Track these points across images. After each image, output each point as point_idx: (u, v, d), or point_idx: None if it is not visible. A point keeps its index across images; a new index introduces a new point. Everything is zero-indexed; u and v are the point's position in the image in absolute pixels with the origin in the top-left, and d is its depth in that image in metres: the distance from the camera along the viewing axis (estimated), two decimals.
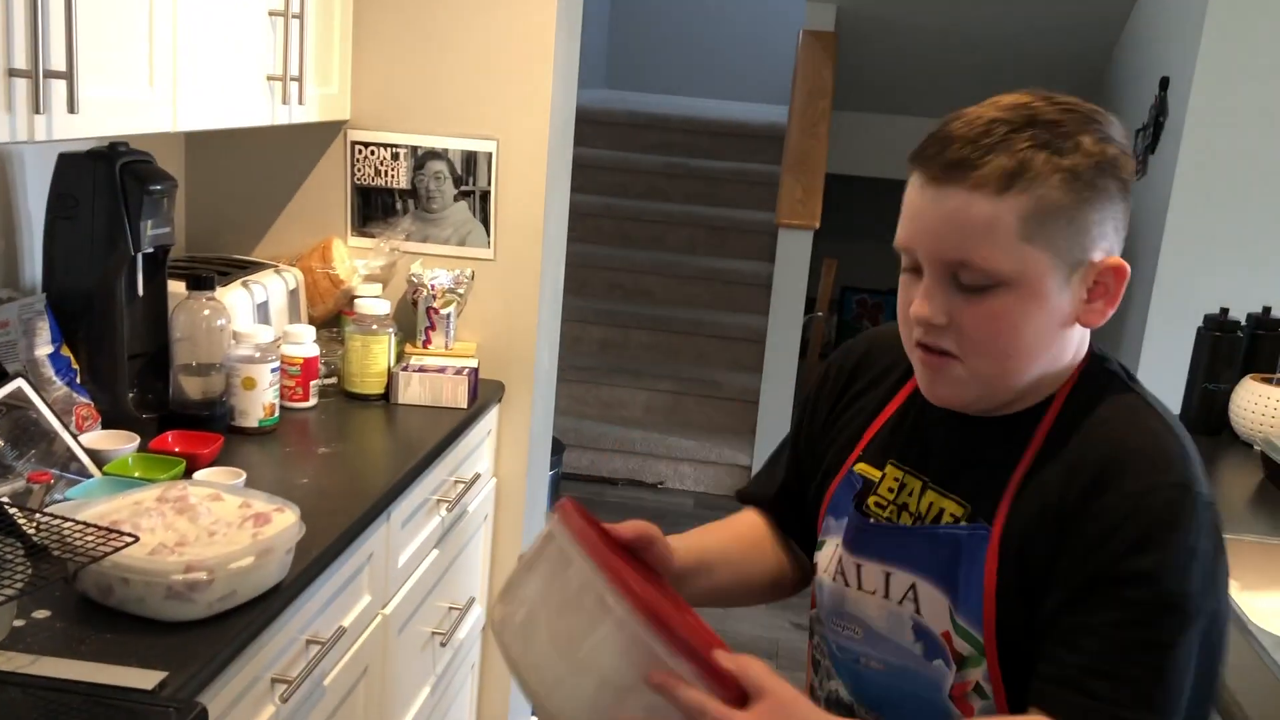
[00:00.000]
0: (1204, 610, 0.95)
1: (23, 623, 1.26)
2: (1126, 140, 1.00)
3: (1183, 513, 0.94)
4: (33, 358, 1.75)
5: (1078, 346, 1.04)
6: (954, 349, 1.00)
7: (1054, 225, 0.95)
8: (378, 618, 1.79)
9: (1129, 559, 0.93)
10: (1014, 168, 0.94)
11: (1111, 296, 1.00)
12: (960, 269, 0.97)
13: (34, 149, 1.91)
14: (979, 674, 1.02)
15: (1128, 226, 1.02)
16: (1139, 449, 0.97)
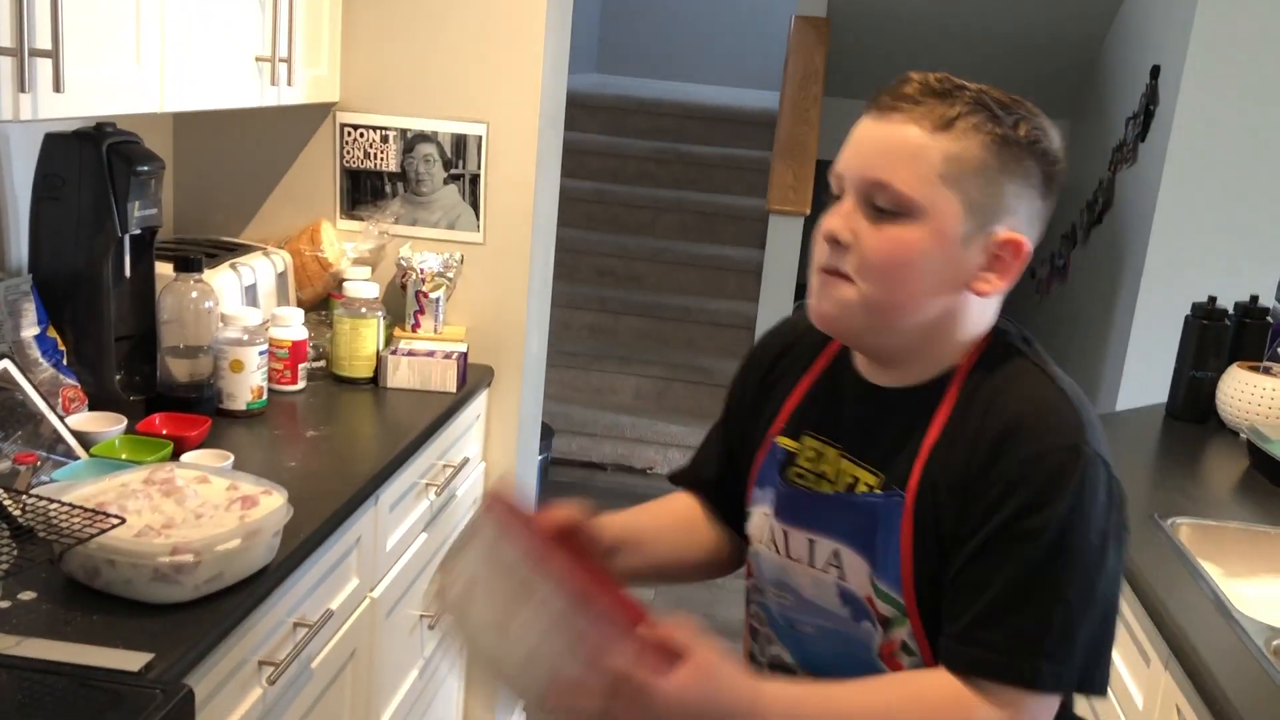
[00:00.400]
0: (1095, 564, 1.00)
1: (9, 604, 1.25)
2: (1059, 153, 1.06)
3: (1073, 473, 0.99)
4: (19, 339, 1.74)
5: (977, 319, 1.08)
6: (849, 271, 1.05)
7: (972, 178, 1.01)
8: (365, 601, 1.79)
9: (1023, 518, 0.99)
10: (953, 115, 1.01)
11: (1006, 270, 1.05)
12: (878, 190, 1.02)
13: (20, 129, 1.89)
14: (904, 633, 1.07)
15: (1043, 228, 1.07)
16: (1033, 414, 1.03)
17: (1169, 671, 1.55)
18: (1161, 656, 1.58)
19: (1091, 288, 4.56)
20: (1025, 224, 1.05)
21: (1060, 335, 4.94)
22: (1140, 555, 1.73)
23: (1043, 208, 1.06)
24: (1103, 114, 4.77)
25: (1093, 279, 4.56)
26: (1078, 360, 4.58)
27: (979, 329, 1.09)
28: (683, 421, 4.87)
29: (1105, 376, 4.18)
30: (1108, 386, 4.12)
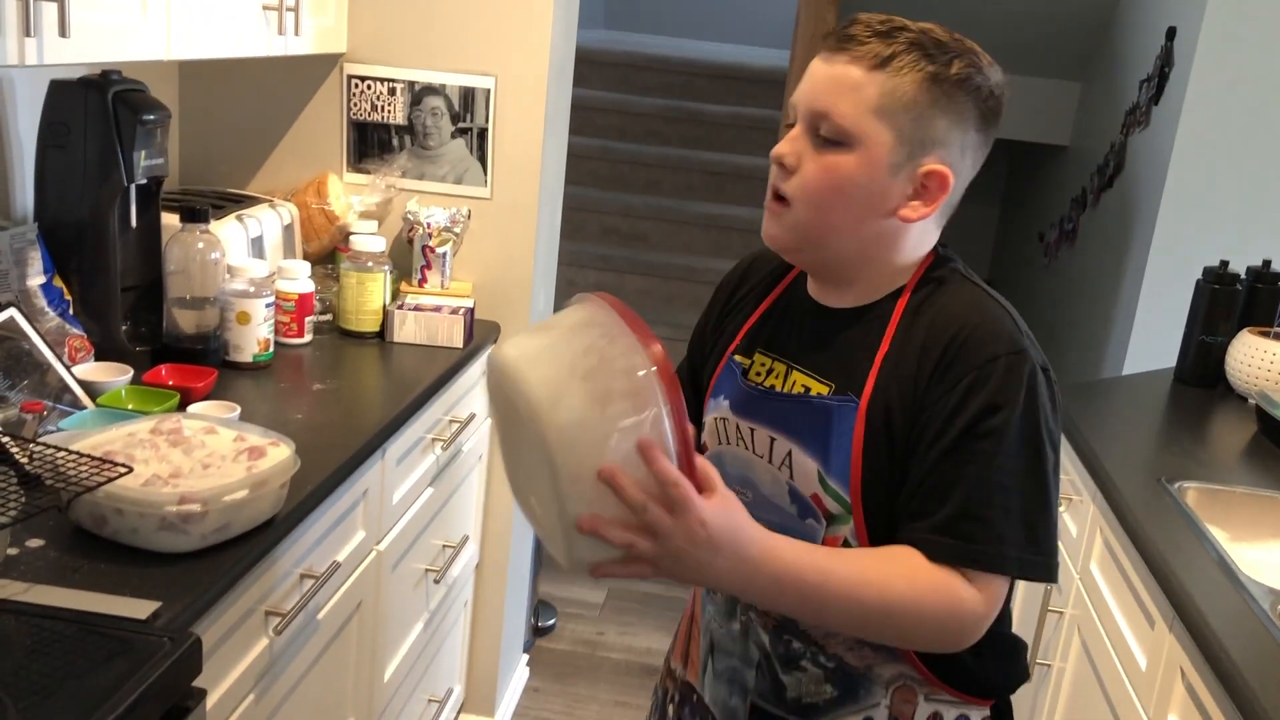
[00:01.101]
0: (1049, 459, 1.10)
1: (16, 551, 1.26)
2: (996, 88, 1.14)
3: (1022, 374, 1.09)
4: (25, 288, 1.74)
5: (915, 244, 1.17)
6: (792, 194, 1.14)
7: (903, 113, 1.10)
8: (372, 553, 1.80)
9: (983, 420, 1.08)
10: (888, 54, 1.10)
11: (929, 198, 1.13)
12: (821, 120, 1.11)
13: (25, 75, 1.88)
14: (847, 530, 1.15)
15: (980, 157, 1.16)
16: (979, 324, 1.12)
17: (1173, 633, 1.55)
18: (1166, 618, 1.58)
19: (1100, 252, 4.53)
20: (956, 156, 1.13)
21: (1068, 299, 4.92)
22: (1147, 518, 1.73)
23: (978, 140, 1.14)
24: (1115, 76, 4.72)
25: (1102, 243, 4.54)
26: (1085, 324, 4.56)
27: (917, 253, 1.18)
28: None
29: (1113, 340, 4.16)
30: (1115, 350, 4.11)
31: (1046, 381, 1.12)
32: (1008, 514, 1.08)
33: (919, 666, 1.17)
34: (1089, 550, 2.00)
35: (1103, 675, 1.81)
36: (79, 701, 1.01)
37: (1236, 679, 1.32)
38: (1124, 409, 2.39)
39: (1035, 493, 1.09)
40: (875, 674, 1.18)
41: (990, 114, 1.14)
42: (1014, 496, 1.08)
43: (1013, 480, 1.08)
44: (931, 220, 1.16)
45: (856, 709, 1.19)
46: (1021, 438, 1.08)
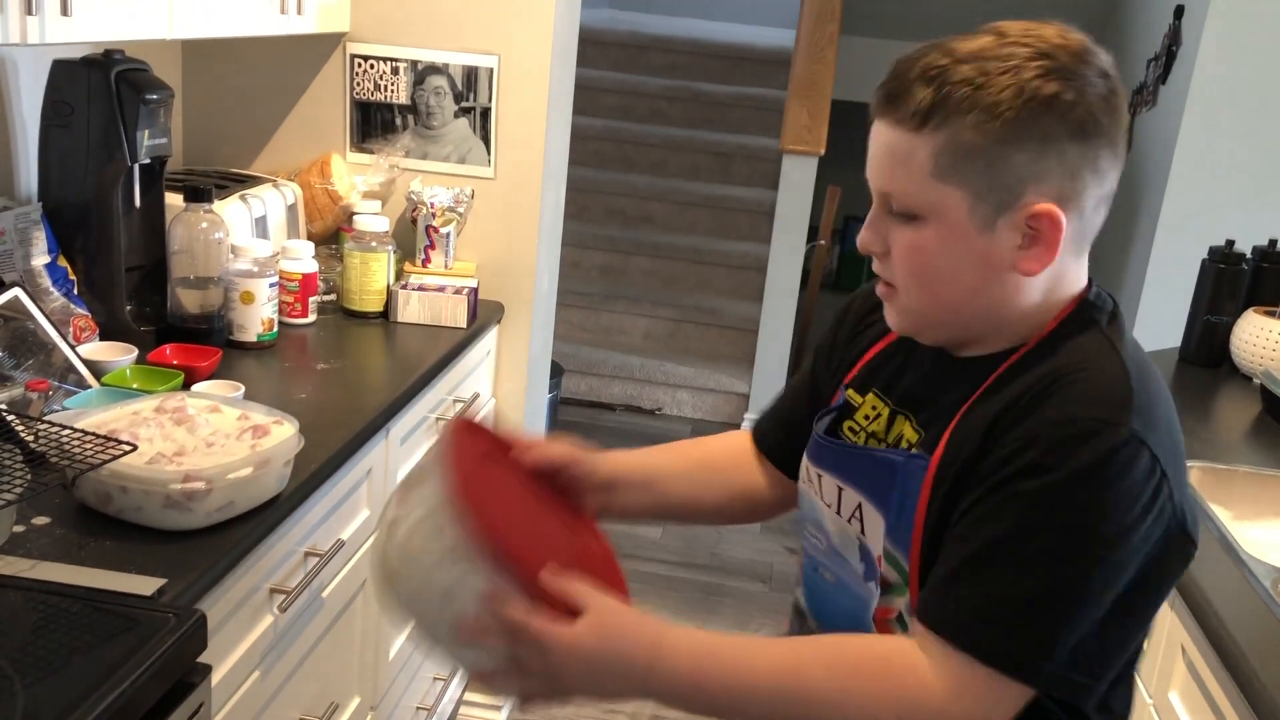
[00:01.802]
0: (1095, 553, 0.90)
1: (22, 528, 1.27)
2: (1086, 87, 0.93)
3: (1093, 444, 0.90)
4: (29, 268, 1.74)
5: (1052, 289, 1.00)
6: (893, 279, 1.02)
7: (968, 165, 0.93)
8: (376, 531, 1.80)
9: (1023, 478, 0.91)
10: (930, 104, 0.93)
11: (1048, 243, 0.95)
12: (889, 199, 0.98)
13: (28, 55, 1.87)
14: (902, 604, 1.02)
15: (1103, 168, 0.96)
16: (1075, 379, 0.94)
17: (1175, 612, 1.55)
18: (1168, 597, 1.58)
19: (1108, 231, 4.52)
20: (1062, 182, 0.94)
21: None
22: None
23: (1080, 155, 0.94)
24: (1123, 55, 4.70)
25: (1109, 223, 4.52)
26: None
27: (1056, 297, 1.00)
28: (692, 363, 4.87)
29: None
30: None
31: (1149, 474, 0.90)
32: (1008, 589, 0.91)
33: None
34: None
35: None
36: (85, 677, 1.02)
37: (1238, 657, 1.33)
38: None
39: (1061, 583, 0.90)
40: None
41: (1092, 116, 0.93)
42: (1028, 574, 0.90)
43: (1032, 555, 0.90)
44: (1069, 257, 0.99)
45: None
46: (1057, 512, 0.90)
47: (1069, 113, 0.92)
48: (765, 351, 4.78)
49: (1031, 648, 0.91)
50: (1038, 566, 0.90)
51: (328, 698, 1.69)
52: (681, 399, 4.83)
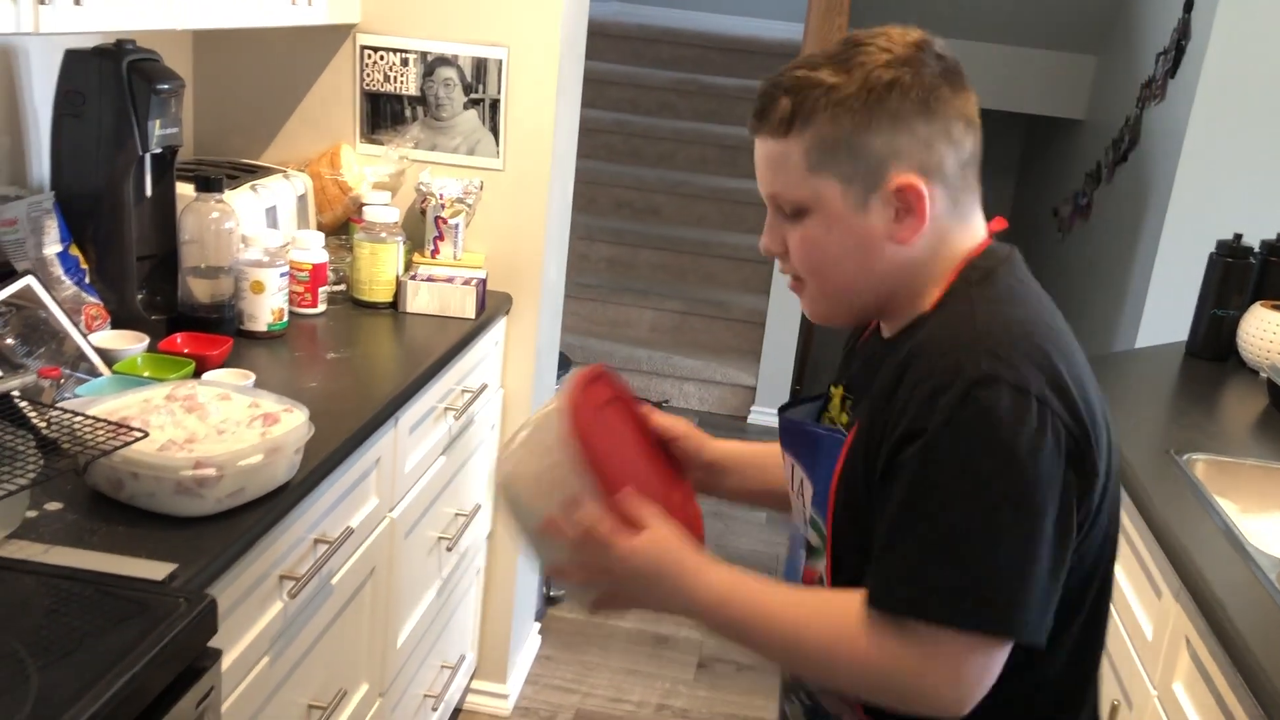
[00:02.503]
0: (986, 494, 0.95)
1: (35, 513, 1.28)
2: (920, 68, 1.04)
3: (949, 398, 0.96)
4: (41, 256, 1.75)
5: (936, 257, 1.07)
6: (797, 273, 1.12)
7: (832, 156, 1.04)
8: (385, 520, 1.82)
9: (902, 447, 0.99)
10: (791, 111, 1.04)
11: (917, 212, 1.04)
12: (776, 200, 1.09)
13: (40, 44, 1.89)
14: (822, 567, 1.12)
15: (958, 137, 1.05)
16: (928, 344, 1.02)
17: (1179, 603, 1.56)
18: (1172, 588, 1.59)
19: (1115, 226, 4.51)
20: (920, 156, 1.04)
21: (1082, 273, 4.90)
22: (1156, 490, 1.74)
23: (929, 129, 1.03)
24: (1132, 49, 4.69)
25: (1116, 217, 4.52)
26: (1098, 298, 4.55)
27: (945, 263, 1.08)
28: (699, 355, 4.88)
29: (1126, 314, 4.15)
30: (1128, 324, 4.10)
31: (1019, 407, 0.95)
32: (924, 552, 0.97)
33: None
34: None
35: (1109, 645, 1.82)
36: (96, 660, 1.03)
37: (1241, 648, 1.33)
38: (1135, 382, 2.39)
39: (974, 532, 0.95)
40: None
41: (932, 93, 1.03)
42: (938, 533, 0.96)
43: (936, 515, 0.97)
44: (951, 218, 1.07)
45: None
46: (950, 469, 0.96)
47: (909, 93, 1.03)
48: (772, 344, 4.78)
49: (959, 594, 0.96)
50: (944, 520, 0.97)
51: (336, 684, 1.70)
52: (688, 391, 4.84)
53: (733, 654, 3.09)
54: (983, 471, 0.96)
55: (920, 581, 0.97)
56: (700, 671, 2.97)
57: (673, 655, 3.03)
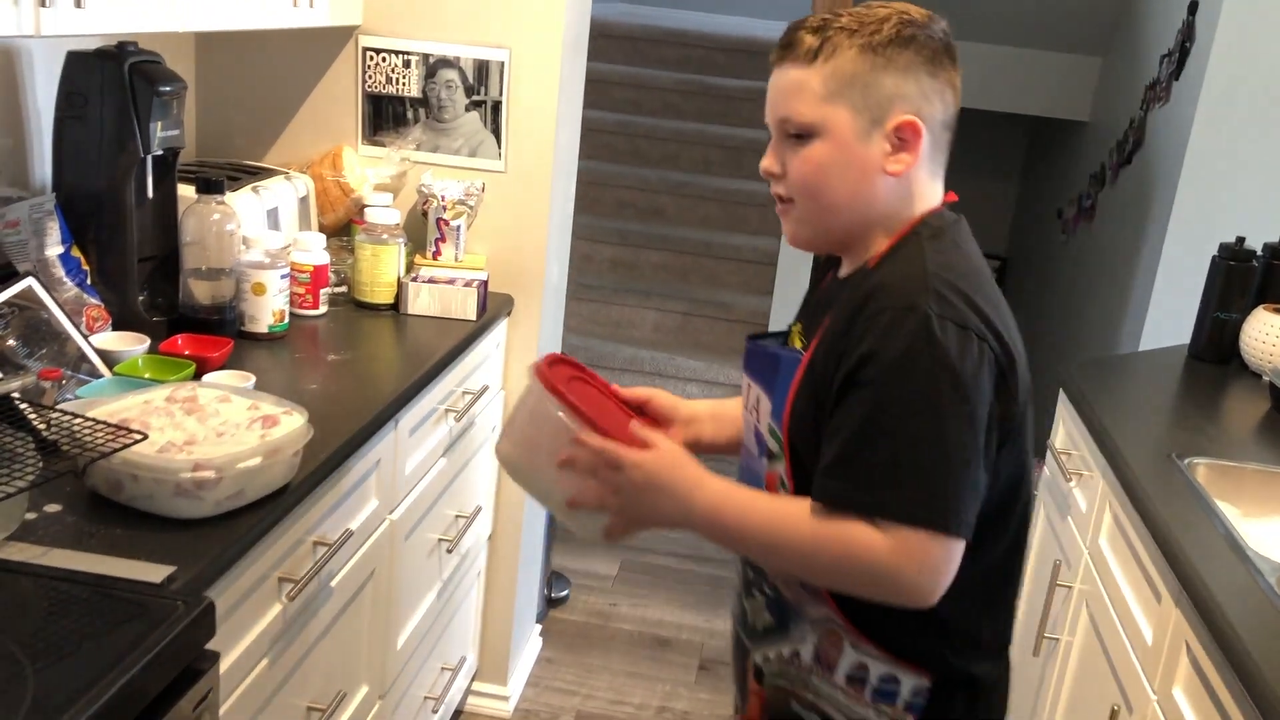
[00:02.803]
0: (950, 409, 1.11)
1: (34, 516, 1.28)
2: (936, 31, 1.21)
3: (906, 326, 1.12)
4: (43, 258, 1.75)
5: (904, 204, 1.23)
6: (789, 193, 1.24)
7: (849, 88, 1.18)
8: (385, 523, 1.82)
9: (861, 368, 1.14)
10: (817, 46, 1.19)
11: (910, 148, 1.20)
12: (786, 124, 1.22)
13: (42, 47, 1.89)
14: (781, 469, 1.24)
15: (943, 98, 1.22)
16: (886, 283, 1.17)
17: (1179, 608, 1.55)
18: (1172, 593, 1.59)
19: (1118, 228, 4.51)
20: (920, 103, 1.20)
21: (1085, 275, 4.89)
22: (1156, 494, 1.74)
23: (935, 84, 1.20)
24: (1136, 51, 4.68)
25: (1120, 219, 4.51)
26: (1102, 300, 4.54)
27: (908, 212, 1.23)
28: (702, 356, 4.88)
29: (1129, 317, 4.15)
30: (1131, 327, 4.09)
31: (962, 339, 1.12)
32: (877, 458, 1.12)
33: (838, 613, 1.22)
34: (1098, 525, 2.00)
35: (1110, 650, 1.82)
36: (95, 662, 1.03)
37: (1241, 653, 1.33)
38: (1137, 385, 2.39)
39: (928, 442, 1.11)
40: (805, 612, 1.25)
41: (937, 56, 1.20)
42: (899, 443, 1.11)
43: (897, 427, 1.11)
44: (925, 172, 1.23)
45: (786, 641, 1.28)
46: (908, 387, 1.11)
47: (922, 50, 1.19)
48: None
49: (908, 495, 1.11)
50: (889, 433, 1.12)
51: (336, 686, 1.70)
52: (691, 392, 4.84)
53: None
54: (935, 391, 1.11)
55: (888, 486, 1.12)
56: (701, 674, 2.97)
57: (674, 658, 3.03)
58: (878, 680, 1.22)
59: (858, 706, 1.23)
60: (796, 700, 1.28)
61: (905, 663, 1.21)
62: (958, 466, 1.11)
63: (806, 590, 1.24)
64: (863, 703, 1.23)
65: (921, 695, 1.21)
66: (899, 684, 1.22)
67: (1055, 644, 2.11)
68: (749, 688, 1.35)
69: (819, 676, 1.25)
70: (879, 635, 1.21)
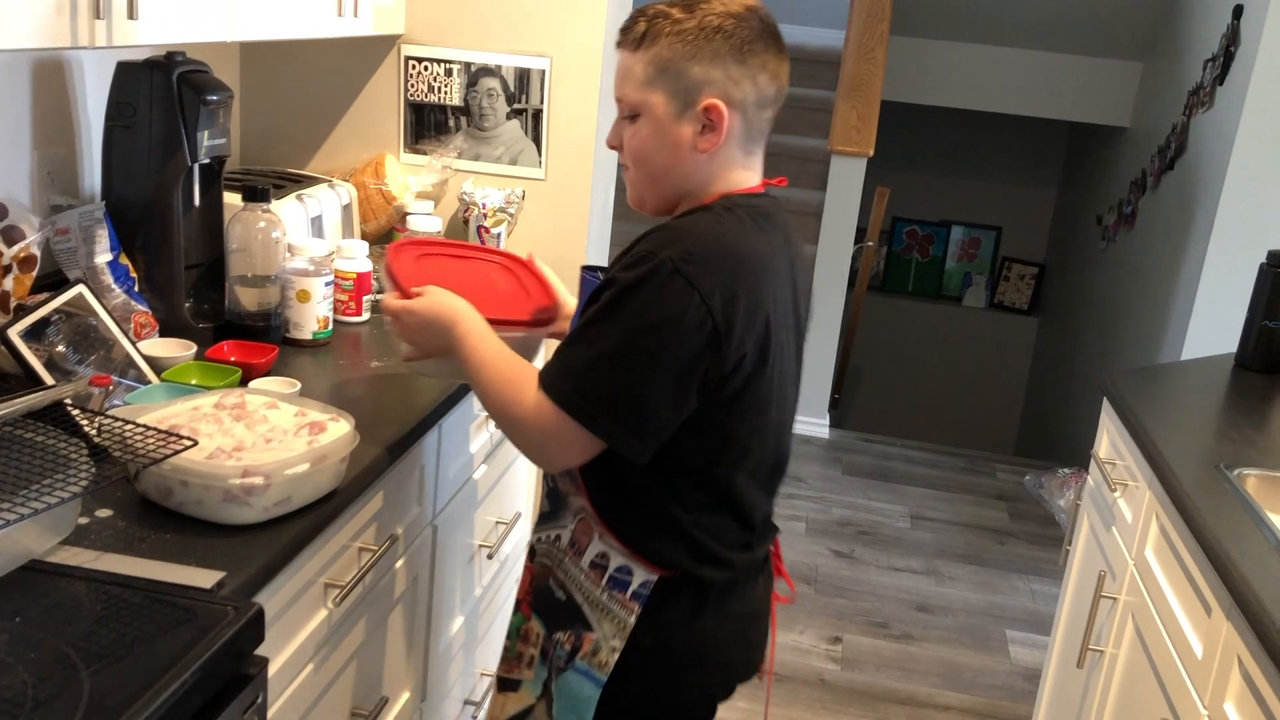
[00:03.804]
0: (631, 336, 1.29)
1: (86, 520, 1.29)
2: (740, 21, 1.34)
3: (639, 269, 1.29)
4: (92, 265, 1.78)
5: (716, 179, 1.40)
6: (625, 162, 1.44)
7: (664, 74, 1.35)
8: (427, 528, 1.82)
9: (603, 289, 1.33)
10: (643, 34, 1.36)
11: (717, 129, 1.36)
12: (620, 103, 1.40)
13: (93, 57, 1.92)
14: None
15: (752, 82, 1.36)
16: (663, 229, 1.35)
17: (1230, 621, 1.53)
18: (1223, 606, 1.56)
19: (1160, 235, 4.46)
20: (728, 88, 1.35)
21: (1126, 283, 4.84)
22: (1205, 505, 1.71)
23: (742, 70, 1.35)
24: (1179, 56, 4.63)
25: (1162, 226, 4.46)
26: (1143, 309, 4.49)
27: (719, 186, 1.40)
28: None
29: (1171, 325, 4.10)
30: (1174, 335, 4.04)
31: (684, 293, 1.27)
32: (574, 356, 1.33)
33: (590, 505, 1.42)
34: (1144, 536, 1.98)
35: (1157, 663, 1.79)
36: (146, 666, 1.04)
37: None
38: (1182, 394, 2.36)
39: (606, 356, 1.31)
40: (569, 501, 1.46)
41: (747, 44, 1.34)
42: (586, 347, 1.32)
43: (593, 335, 1.31)
44: (737, 150, 1.39)
45: (555, 525, 1.50)
46: (618, 310, 1.30)
47: (730, 39, 1.34)
48: (811, 352, 4.77)
49: (577, 388, 1.31)
50: (596, 342, 1.31)
51: (379, 691, 1.71)
52: None
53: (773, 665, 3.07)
54: (634, 320, 1.29)
55: (568, 378, 1.33)
56: None
57: None
58: (615, 570, 1.41)
59: (595, 590, 1.42)
60: (553, 579, 1.48)
61: (639, 557, 1.40)
62: (619, 380, 1.30)
63: (573, 482, 1.44)
64: (600, 587, 1.42)
65: (648, 588, 1.39)
66: (631, 575, 1.40)
67: (1100, 656, 2.09)
68: (525, 564, 1.57)
69: (570, 560, 1.45)
70: (620, 530, 1.40)
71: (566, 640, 1.44)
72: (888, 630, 3.35)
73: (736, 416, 1.37)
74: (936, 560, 3.84)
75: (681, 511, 1.38)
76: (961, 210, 6.92)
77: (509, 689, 1.53)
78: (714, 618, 1.44)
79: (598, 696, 1.40)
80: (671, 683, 1.44)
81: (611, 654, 1.40)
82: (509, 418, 1.39)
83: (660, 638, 1.41)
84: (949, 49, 5.41)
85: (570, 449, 1.35)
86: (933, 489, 4.45)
